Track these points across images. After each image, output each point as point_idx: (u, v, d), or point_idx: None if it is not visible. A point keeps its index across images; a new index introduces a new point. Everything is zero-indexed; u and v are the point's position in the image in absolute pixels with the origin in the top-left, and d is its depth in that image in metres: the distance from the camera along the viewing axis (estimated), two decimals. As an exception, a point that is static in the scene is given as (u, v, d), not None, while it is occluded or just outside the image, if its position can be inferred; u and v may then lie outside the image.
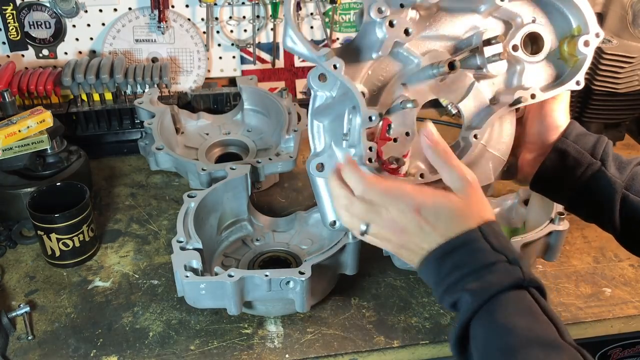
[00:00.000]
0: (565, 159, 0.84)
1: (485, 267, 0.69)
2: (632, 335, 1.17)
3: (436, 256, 0.73)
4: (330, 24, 1.67)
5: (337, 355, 1.03)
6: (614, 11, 1.45)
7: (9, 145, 1.22)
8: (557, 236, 1.10)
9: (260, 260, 1.19)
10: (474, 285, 0.69)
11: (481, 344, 0.67)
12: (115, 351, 1.02)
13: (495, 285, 0.68)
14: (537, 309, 0.67)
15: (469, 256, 0.71)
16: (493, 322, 0.67)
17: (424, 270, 0.75)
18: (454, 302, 0.71)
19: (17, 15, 1.51)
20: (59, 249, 1.16)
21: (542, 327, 0.65)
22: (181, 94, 1.59)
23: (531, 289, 0.69)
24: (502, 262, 0.70)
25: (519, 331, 0.65)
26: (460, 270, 0.70)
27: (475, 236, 0.71)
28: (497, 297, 0.67)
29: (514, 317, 0.66)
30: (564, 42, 0.85)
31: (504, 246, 0.71)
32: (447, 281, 0.71)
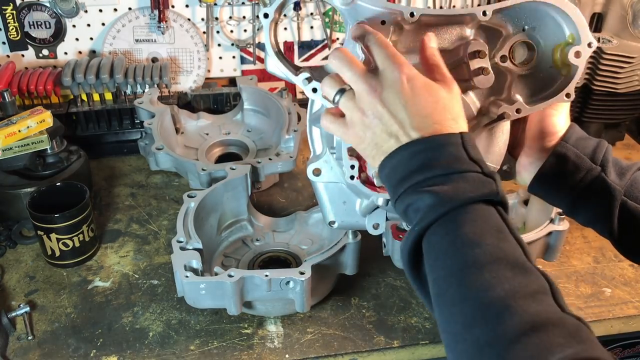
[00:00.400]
0: (564, 163, 0.83)
1: (458, 173, 0.65)
2: (632, 335, 1.17)
3: (407, 152, 0.67)
4: (330, 24, 1.67)
5: (337, 355, 1.03)
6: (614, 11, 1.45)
7: (9, 145, 1.22)
8: (557, 236, 1.11)
9: (260, 260, 1.19)
10: (441, 188, 0.64)
11: (440, 256, 0.63)
12: (115, 351, 1.02)
13: (467, 193, 0.64)
14: (505, 227, 0.64)
15: (443, 158, 0.66)
16: (458, 234, 0.62)
17: (388, 166, 0.69)
18: (409, 204, 0.67)
19: (17, 15, 1.51)
20: (59, 249, 1.16)
21: (511, 247, 0.62)
22: (181, 94, 1.59)
23: (499, 207, 0.66)
24: (477, 172, 0.66)
25: (486, 247, 0.61)
26: (430, 170, 0.65)
27: (454, 141, 0.67)
28: (466, 207, 0.63)
29: (482, 232, 0.62)
30: (557, 50, 0.82)
31: (480, 159, 0.67)
32: (413, 179, 0.66)
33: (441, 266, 0.63)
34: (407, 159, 0.67)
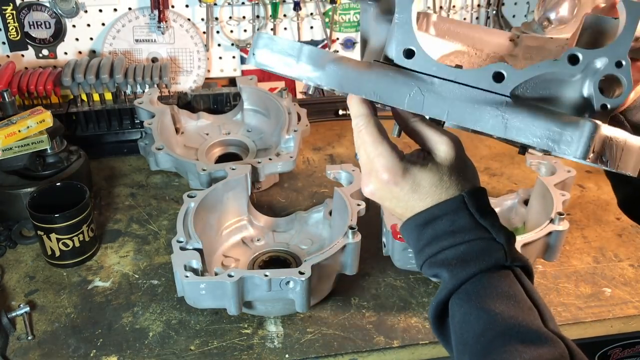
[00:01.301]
0: None
1: (466, 243, 0.64)
2: (632, 335, 1.17)
3: (415, 224, 0.68)
4: (330, 24, 1.67)
5: (337, 355, 1.03)
6: (614, 11, 1.45)
7: (9, 145, 1.22)
8: (557, 236, 1.10)
9: (260, 260, 1.19)
10: (452, 262, 0.64)
11: (457, 326, 0.63)
12: (115, 351, 1.02)
13: (475, 266, 0.63)
14: (519, 292, 0.62)
15: (449, 228, 0.65)
16: (471, 305, 0.62)
17: (404, 235, 0.71)
18: (433, 274, 0.67)
19: (17, 15, 1.51)
20: (59, 249, 1.16)
21: (524, 314, 0.60)
22: (181, 94, 1.59)
23: (516, 268, 0.65)
24: (484, 240, 0.64)
25: (496, 317, 0.60)
26: (439, 242, 0.66)
27: (457, 205, 0.66)
28: (476, 278, 0.63)
29: (493, 301, 0.61)
30: None
31: (487, 219, 0.66)
32: (427, 252, 0.67)
33: (459, 339, 0.64)
34: (417, 232, 0.68)
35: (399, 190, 0.67)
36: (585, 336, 1.11)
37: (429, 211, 0.67)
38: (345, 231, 1.06)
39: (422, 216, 0.67)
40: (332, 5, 1.63)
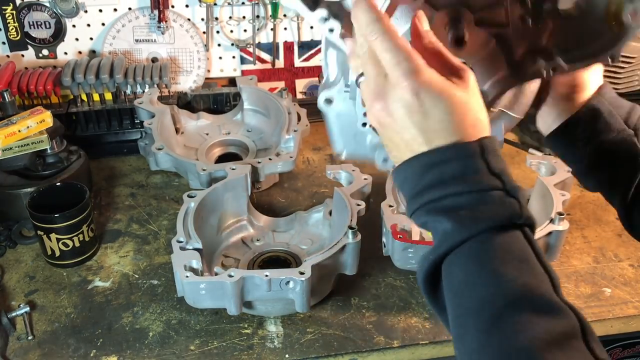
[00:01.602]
0: (596, 119, 0.77)
1: (477, 193, 0.57)
2: (632, 335, 1.17)
3: (419, 164, 0.60)
4: (330, 24, 1.67)
5: (337, 355, 1.03)
6: (614, 11, 1.45)
7: (9, 145, 1.22)
8: (556, 236, 1.10)
9: (260, 260, 1.19)
10: (460, 213, 0.57)
11: (459, 287, 0.57)
12: (115, 351, 1.02)
13: (487, 219, 0.56)
14: (531, 255, 0.57)
15: (460, 173, 0.58)
16: (476, 266, 0.56)
17: (401, 175, 0.62)
18: (426, 222, 0.60)
19: (17, 15, 1.51)
20: (59, 249, 1.16)
21: (537, 281, 0.55)
22: (181, 94, 1.59)
23: (525, 228, 0.58)
24: (498, 190, 0.57)
25: (508, 284, 0.54)
26: (445, 187, 0.58)
27: (472, 150, 0.58)
28: (486, 235, 0.56)
29: (504, 264, 0.55)
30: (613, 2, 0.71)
31: (502, 170, 0.58)
32: (427, 196, 0.59)
33: (459, 304, 0.57)
34: (419, 172, 0.60)
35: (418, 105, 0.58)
36: (585, 336, 1.11)
37: (439, 151, 0.59)
38: (345, 231, 1.06)
39: (429, 156, 0.59)
40: (332, 5, 1.63)
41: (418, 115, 0.59)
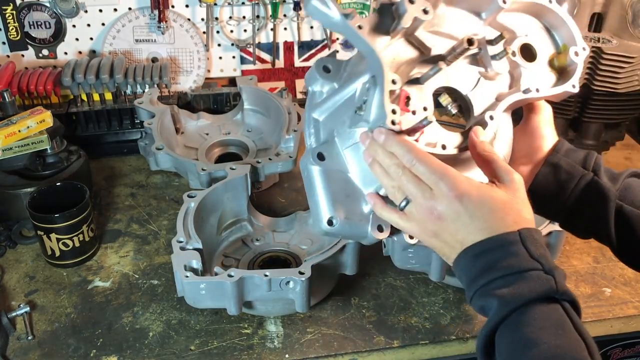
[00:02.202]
0: (557, 172, 0.84)
1: (518, 274, 0.67)
2: (632, 335, 1.17)
3: (470, 254, 0.70)
4: (330, 24, 1.67)
5: (337, 355, 1.03)
6: (614, 11, 1.45)
7: (9, 145, 1.22)
8: (557, 236, 1.10)
9: (260, 260, 1.19)
10: (503, 292, 0.66)
11: (505, 355, 0.65)
12: (115, 351, 1.02)
13: (526, 294, 0.65)
14: (567, 323, 0.65)
15: (503, 259, 0.68)
16: (518, 334, 0.64)
17: (458, 268, 0.73)
18: (482, 305, 0.69)
19: (17, 15, 1.51)
20: (59, 249, 1.16)
21: (571, 344, 0.63)
22: (181, 94, 1.59)
23: (564, 302, 0.66)
24: (537, 271, 0.67)
25: (544, 346, 0.62)
26: (491, 273, 0.68)
27: (512, 239, 0.68)
28: (527, 307, 0.65)
29: (541, 331, 0.63)
30: (554, 57, 0.87)
31: (541, 254, 0.68)
32: (478, 283, 0.69)
33: None
34: (470, 263, 0.70)
35: (464, 209, 0.70)
36: (585, 336, 1.11)
37: (485, 242, 0.69)
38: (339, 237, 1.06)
39: (478, 247, 0.70)
40: (332, 5, 1.63)
41: (466, 217, 0.70)
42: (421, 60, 0.82)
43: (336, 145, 0.82)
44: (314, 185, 0.81)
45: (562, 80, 0.86)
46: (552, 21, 0.87)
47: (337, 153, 0.81)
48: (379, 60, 0.75)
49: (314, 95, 0.85)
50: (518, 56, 0.84)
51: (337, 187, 0.80)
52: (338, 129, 0.82)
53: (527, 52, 0.86)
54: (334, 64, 0.83)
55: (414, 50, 0.82)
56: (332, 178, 0.80)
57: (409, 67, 0.81)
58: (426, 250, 1.08)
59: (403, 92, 0.78)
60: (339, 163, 0.81)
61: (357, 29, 0.75)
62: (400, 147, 0.73)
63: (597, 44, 1.41)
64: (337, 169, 0.81)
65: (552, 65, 0.88)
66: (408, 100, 0.78)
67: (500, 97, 0.84)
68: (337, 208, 0.80)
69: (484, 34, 0.84)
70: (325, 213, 0.80)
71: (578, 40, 0.86)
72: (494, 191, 0.72)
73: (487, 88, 0.85)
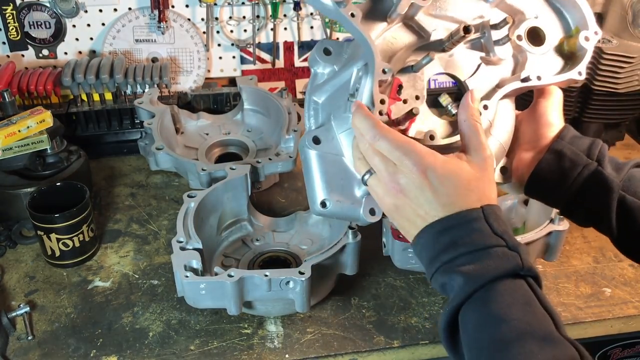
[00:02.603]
0: (561, 160, 0.83)
1: (483, 250, 0.67)
2: (632, 335, 1.17)
3: (433, 231, 0.70)
4: (330, 24, 1.67)
5: (337, 355, 1.03)
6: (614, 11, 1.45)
7: (9, 145, 1.22)
8: (557, 236, 1.10)
9: (260, 260, 1.19)
10: (468, 268, 0.66)
11: (471, 332, 0.65)
12: (115, 351, 1.02)
13: (492, 271, 0.65)
14: (533, 299, 0.65)
15: (467, 235, 0.68)
16: (486, 311, 0.64)
17: (419, 244, 0.72)
18: (444, 282, 0.69)
19: (17, 15, 1.51)
20: (59, 249, 1.16)
21: (538, 319, 0.63)
22: (181, 94, 1.59)
23: (528, 278, 0.67)
24: (501, 247, 0.67)
25: (513, 322, 0.62)
26: (456, 249, 0.68)
27: (476, 215, 0.69)
28: (493, 284, 0.65)
29: (509, 307, 0.64)
30: (564, 41, 0.85)
31: (504, 231, 0.69)
32: (441, 259, 0.68)
33: (472, 344, 0.65)
34: (433, 239, 0.70)
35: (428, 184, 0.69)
36: (585, 336, 1.11)
37: (448, 218, 0.69)
38: (345, 231, 1.06)
39: (441, 223, 0.69)
40: (332, 5, 1.63)
41: (429, 192, 0.70)
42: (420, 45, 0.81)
43: (332, 129, 0.81)
44: (310, 168, 0.82)
45: (570, 66, 0.84)
46: (564, 2, 0.85)
47: (333, 137, 0.81)
48: (371, 49, 0.75)
49: (315, 76, 0.84)
50: (524, 40, 0.83)
51: (331, 171, 0.80)
52: (334, 113, 0.82)
53: (535, 35, 0.84)
54: (336, 46, 0.83)
55: (412, 35, 0.81)
56: (328, 161, 0.81)
57: (406, 52, 0.80)
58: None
59: (396, 80, 0.78)
60: (335, 147, 0.81)
61: (349, 17, 0.75)
62: (364, 122, 0.73)
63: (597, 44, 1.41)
64: (332, 152, 0.81)
65: (560, 50, 0.86)
66: (400, 89, 0.78)
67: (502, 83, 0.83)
68: (331, 191, 0.80)
69: (490, 16, 0.82)
70: (320, 195, 0.81)
71: (590, 24, 0.84)
72: (460, 167, 0.71)
73: (488, 74, 0.83)
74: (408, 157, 0.70)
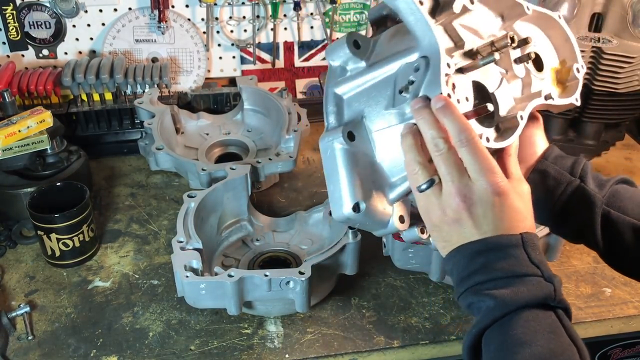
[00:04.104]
0: (545, 179, 0.84)
1: (518, 277, 0.67)
2: (632, 335, 1.17)
3: (470, 250, 0.69)
4: (330, 24, 1.67)
5: (337, 355, 1.03)
6: (614, 11, 1.45)
7: (9, 145, 1.22)
8: (556, 237, 1.10)
9: (260, 260, 1.19)
10: (502, 292, 0.65)
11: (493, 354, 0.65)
12: (115, 351, 1.02)
13: (523, 298, 0.65)
14: (560, 329, 0.65)
15: (504, 260, 0.67)
16: (510, 334, 0.64)
17: (451, 261, 0.72)
18: (472, 303, 0.69)
19: (17, 15, 1.51)
20: (59, 249, 1.16)
21: (563, 348, 0.63)
22: (181, 94, 1.59)
23: (558, 310, 0.67)
24: (536, 277, 0.67)
25: (536, 348, 0.62)
26: (490, 272, 0.67)
27: (515, 242, 0.68)
28: (521, 311, 0.65)
29: (534, 333, 0.63)
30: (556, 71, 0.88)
31: (540, 261, 0.68)
32: (474, 280, 0.68)
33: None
34: (468, 259, 0.69)
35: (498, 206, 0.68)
36: (585, 336, 1.11)
37: (486, 241, 0.69)
38: (345, 231, 1.06)
39: (479, 244, 0.69)
40: (332, 5, 1.63)
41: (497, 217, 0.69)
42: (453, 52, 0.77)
43: (364, 127, 0.76)
44: (337, 167, 0.74)
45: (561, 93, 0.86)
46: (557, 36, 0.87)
47: (365, 135, 0.76)
48: (436, 42, 0.70)
49: (335, 71, 0.80)
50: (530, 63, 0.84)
51: (363, 171, 0.74)
52: (369, 110, 0.76)
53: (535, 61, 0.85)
54: (364, 40, 0.80)
55: (450, 41, 0.77)
56: (360, 161, 0.74)
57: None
58: (426, 250, 1.08)
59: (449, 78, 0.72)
60: (366, 146, 0.75)
61: (418, 5, 0.71)
62: (456, 122, 0.68)
63: (597, 44, 1.41)
64: (363, 152, 0.75)
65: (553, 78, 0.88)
66: (453, 89, 0.72)
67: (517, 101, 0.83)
68: (364, 193, 0.73)
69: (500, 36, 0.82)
70: (351, 197, 0.72)
71: (579, 58, 0.87)
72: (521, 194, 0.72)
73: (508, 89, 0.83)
74: (489, 174, 0.68)
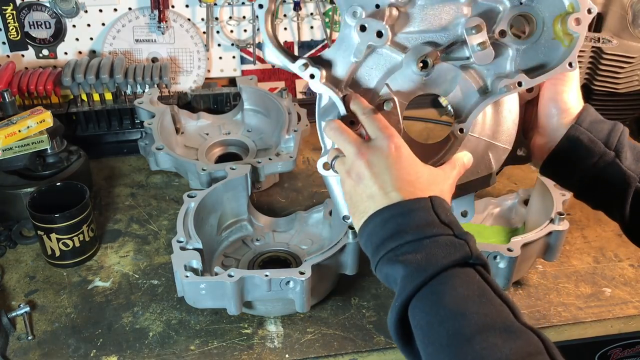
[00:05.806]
0: (577, 147, 0.80)
1: (429, 237, 0.64)
2: (632, 335, 1.17)
3: (380, 218, 0.68)
4: (330, 24, 1.67)
5: (337, 355, 1.03)
6: (614, 11, 1.45)
7: (9, 145, 1.22)
8: (557, 236, 1.10)
9: (260, 260, 1.19)
10: (416, 257, 0.63)
11: (426, 327, 0.61)
12: (115, 351, 1.02)
13: (441, 260, 0.62)
14: (487, 289, 0.62)
15: (414, 222, 0.65)
16: (441, 304, 0.61)
17: (365, 233, 0.70)
18: (387, 273, 0.66)
19: (17, 15, 1.51)
20: (59, 249, 1.16)
21: (497, 310, 0.61)
22: (181, 94, 1.59)
23: (478, 267, 0.64)
24: (449, 235, 0.65)
25: (472, 316, 0.59)
26: (402, 236, 0.65)
27: (424, 204, 0.67)
28: (443, 275, 0.62)
29: (464, 300, 0.61)
30: (557, 21, 0.80)
31: (451, 220, 0.67)
32: (386, 247, 0.66)
33: (429, 342, 0.61)
34: (380, 226, 0.68)
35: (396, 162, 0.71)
36: (585, 336, 1.11)
37: (396, 206, 0.68)
38: (345, 231, 1.06)
39: (389, 210, 0.68)
40: (332, 5, 1.63)
41: (394, 162, 0.70)
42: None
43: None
44: (330, 186, 0.88)
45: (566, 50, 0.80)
46: None
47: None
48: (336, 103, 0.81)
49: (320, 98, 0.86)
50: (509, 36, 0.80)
51: None
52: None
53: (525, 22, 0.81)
54: None
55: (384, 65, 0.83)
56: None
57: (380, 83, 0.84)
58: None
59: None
60: None
61: (310, 79, 0.80)
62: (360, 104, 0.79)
63: (597, 44, 1.41)
64: None
65: (556, 31, 0.80)
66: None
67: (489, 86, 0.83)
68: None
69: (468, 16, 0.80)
70: (340, 211, 0.88)
71: (582, 2, 0.77)
72: (423, 164, 0.74)
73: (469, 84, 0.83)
74: (385, 130, 0.73)
